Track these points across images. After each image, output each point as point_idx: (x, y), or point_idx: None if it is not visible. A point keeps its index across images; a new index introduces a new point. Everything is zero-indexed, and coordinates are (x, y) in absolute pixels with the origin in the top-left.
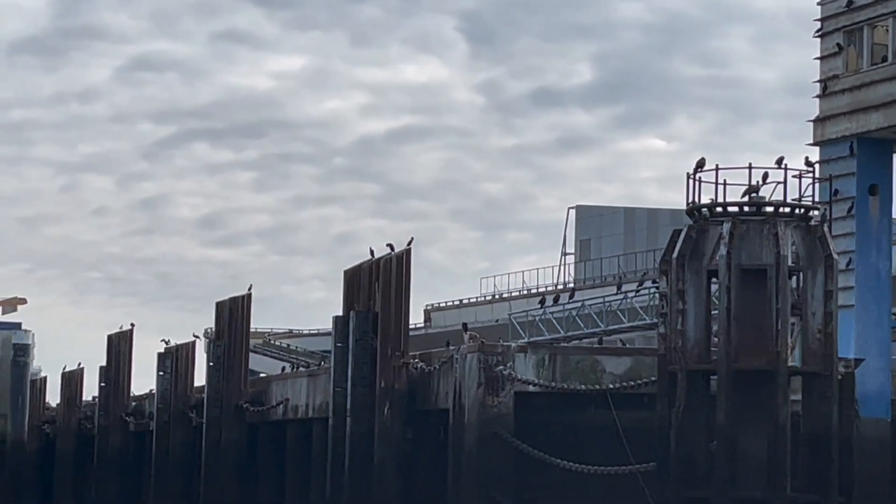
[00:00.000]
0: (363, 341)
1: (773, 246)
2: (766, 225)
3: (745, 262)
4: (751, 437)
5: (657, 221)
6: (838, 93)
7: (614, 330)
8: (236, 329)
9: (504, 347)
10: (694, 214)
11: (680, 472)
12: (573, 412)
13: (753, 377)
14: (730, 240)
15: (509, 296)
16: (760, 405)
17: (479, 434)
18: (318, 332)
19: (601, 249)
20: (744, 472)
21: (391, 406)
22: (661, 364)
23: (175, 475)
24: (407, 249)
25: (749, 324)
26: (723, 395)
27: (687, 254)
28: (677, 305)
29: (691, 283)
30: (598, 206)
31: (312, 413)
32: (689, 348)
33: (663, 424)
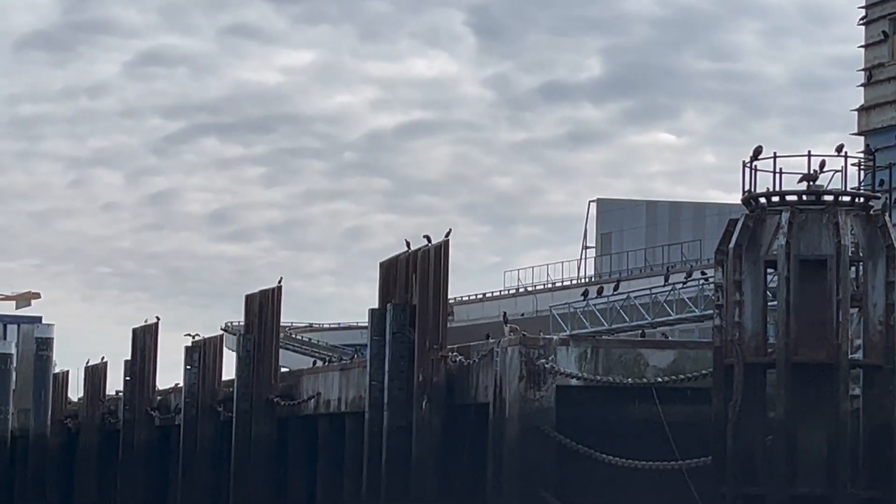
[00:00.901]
0: (401, 334)
1: (833, 236)
2: (825, 214)
3: (804, 253)
4: (810, 433)
5: (679, 215)
6: (884, 81)
7: (661, 322)
8: (266, 322)
9: (546, 340)
10: (750, 203)
11: (737, 468)
12: (616, 406)
13: (813, 370)
14: (788, 229)
15: (533, 289)
16: (820, 399)
17: (521, 428)
18: (338, 326)
19: (622, 243)
20: (803, 469)
21: (429, 400)
22: (716, 357)
23: (203, 470)
24: (445, 241)
25: (808, 316)
26: (782, 389)
27: (744, 244)
28: (734, 297)
29: (748, 273)
30: (620, 199)
31: (345, 407)
32: (746, 341)
33: (719, 419)
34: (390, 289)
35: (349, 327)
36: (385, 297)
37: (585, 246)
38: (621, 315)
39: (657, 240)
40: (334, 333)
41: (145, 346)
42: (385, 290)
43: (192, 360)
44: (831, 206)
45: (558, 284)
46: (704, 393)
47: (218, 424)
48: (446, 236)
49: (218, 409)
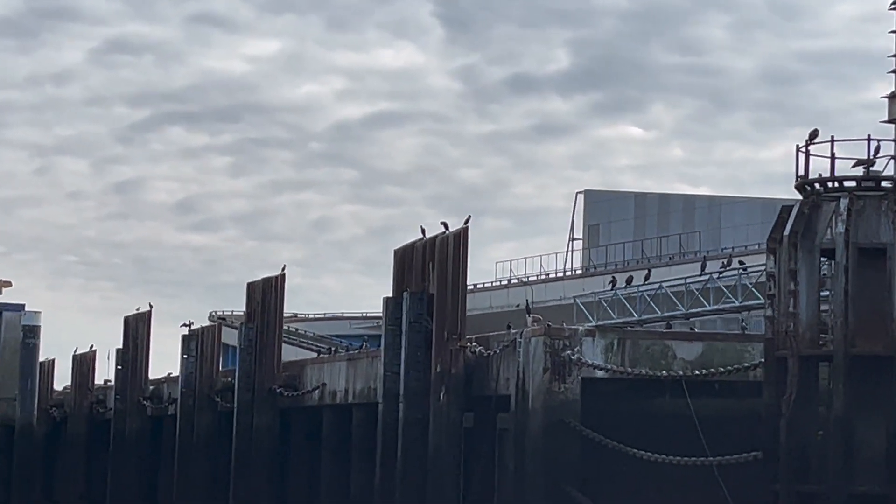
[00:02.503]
0: (418, 324)
1: (894, 223)
2: (884, 201)
3: (862, 241)
4: (868, 428)
5: (668, 207)
6: None
7: (695, 313)
8: (269, 311)
9: (571, 331)
10: (805, 189)
11: (791, 465)
12: (642, 399)
13: (871, 363)
14: (847, 216)
15: (526, 280)
16: (879, 393)
17: (545, 421)
18: (323, 317)
19: (610, 235)
20: (860, 466)
21: (447, 391)
22: (768, 349)
23: (200, 460)
24: (464, 228)
25: (866, 307)
26: (840, 383)
27: (799, 231)
28: (789, 286)
29: (803, 262)
30: (608, 190)
31: (352, 398)
32: (800, 332)
33: (770, 413)
34: (405, 277)
35: (335, 317)
36: (399, 285)
37: (572, 237)
38: (651, 306)
39: (646, 232)
40: (320, 324)
41: (138, 334)
42: (399, 278)
43: (189, 350)
44: (891, 193)
45: (552, 276)
46: (732, 386)
47: (215, 415)
48: (465, 223)
49: (216, 400)
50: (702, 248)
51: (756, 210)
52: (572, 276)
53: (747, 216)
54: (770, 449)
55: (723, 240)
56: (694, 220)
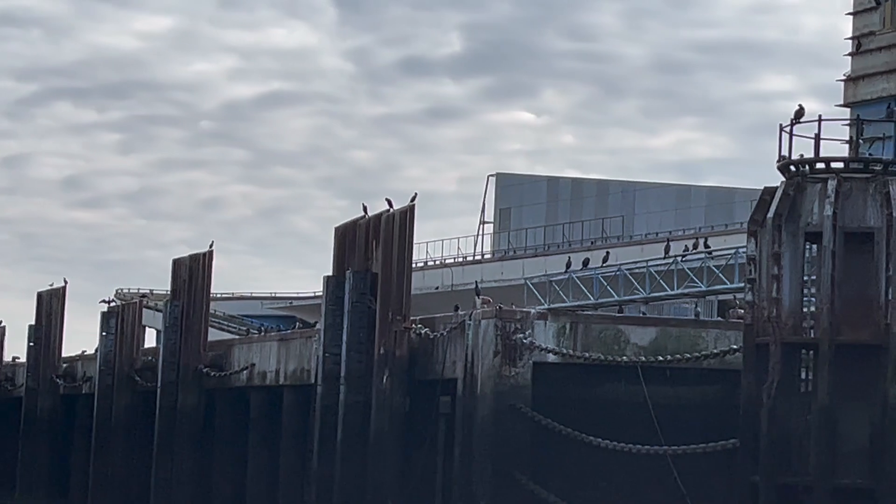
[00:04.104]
0: (361, 304)
1: (882, 206)
2: (872, 184)
3: (849, 225)
4: (852, 419)
5: (581, 192)
6: (874, 51)
7: (657, 297)
8: (196, 289)
9: (523, 314)
10: (789, 170)
11: (772, 456)
12: (595, 385)
13: (857, 352)
14: (835, 198)
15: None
16: (864, 383)
17: (495, 406)
18: (232, 296)
19: (521, 219)
20: (844, 458)
21: (391, 374)
22: (747, 335)
23: (118, 442)
24: (411, 206)
25: (852, 293)
26: (824, 371)
27: (784, 213)
28: (772, 271)
29: (787, 246)
30: (520, 174)
31: (284, 380)
32: (783, 318)
33: (749, 402)
34: (346, 255)
35: (243, 297)
36: (340, 263)
37: (483, 221)
38: (608, 289)
39: (558, 217)
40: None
41: (51, 310)
42: (340, 257)
43: (109, 327)
44: (880, 175)
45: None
46: (684, 373)
47: (135, 395)
48: (412, 201)
49: (136, 379)
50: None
51: (670, 196)
52: (491, 260)
53: (661, 202)
54: (749, 439)
55: (636, 225)
56: (608, 206)
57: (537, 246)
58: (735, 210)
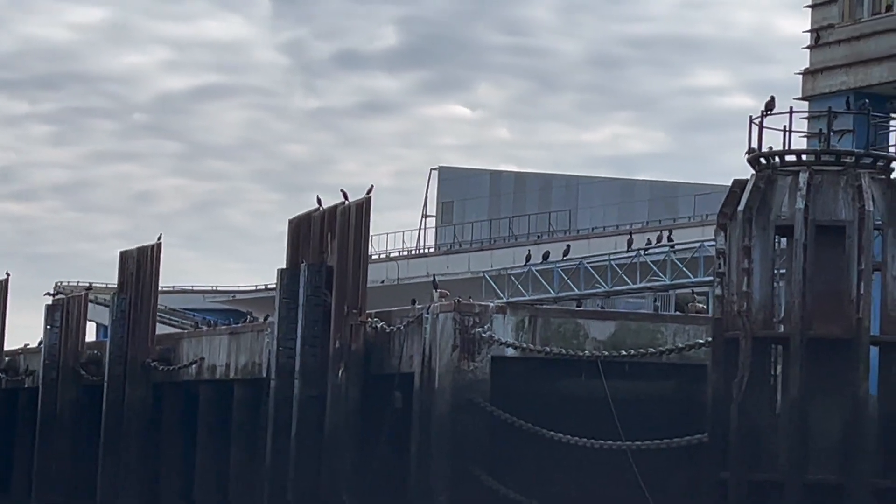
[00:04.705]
0: (316, 297)
1: (854, 200)
2: (843, 176)
3: (820, 218)
4: (823, 414)
5: (524, 185)
6: (833, 43)
7: (620, 291)
8: (144, 281)
9: (482, 307)
10: (759, 163)
11: (741, 451)
12: (554, 379)
13: (828, 346)
14: (807, 191)
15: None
16: (835, 378)
17: (453, 401)
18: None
19: (464, 213)
20: (815, 454)
21: (346, 368)
22: (716, 329)
23: (63, 435)
24: (367, 198)
25: (824, 287)
26: (796, 366)
27: (755, 206)
28: (743, 264)
29: (758, 239)
30: (462, 167)
31: (234, 374)
32: (753, 312)
33: (718, 397)
34: (301, 248)
35: (184, 291)
36: (294, 256)
37: (425, 215)
38: (568, 283)
39: (501, 210)
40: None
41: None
42: (294, 250)
43: (54, 320)
44: (851, 168)
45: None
46: (643, 368)
47: (81, 389)
48: (368, 193)
49: (81, 373)
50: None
51: (614, 190)
52: (437, 253)
53: (605, 196)
54: (718, 434)
55: (580, 220)
56: (551, 200)
57: (483, 240)
58: (679, 205)
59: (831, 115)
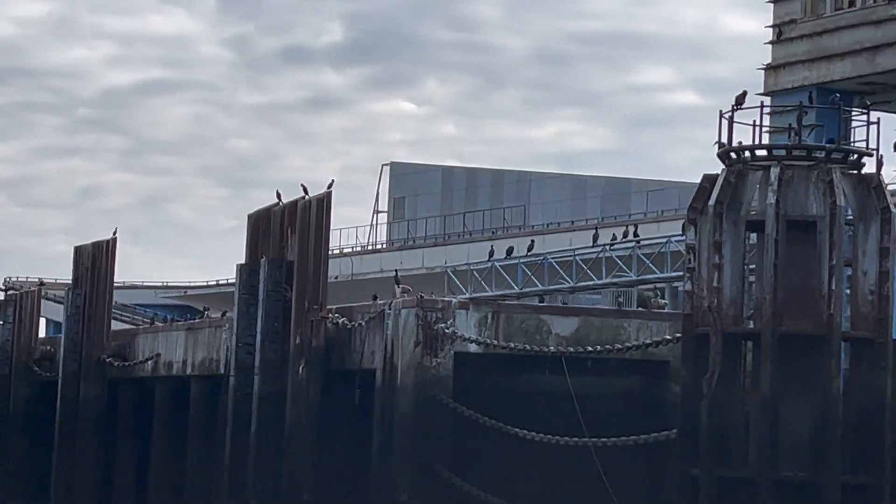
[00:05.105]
0: (276, 292)
1: (825, 195)
2: (814, 171)
3: (791, 213)
4: (794, 411)
5: (476, 181)
6: (796, 39)
7: (585, 287)
8: (100, 276)
9: (445, 303)
10: (729, 157)
11: (712, 448)
12: (518, 375)
13: (799, 342)
14: (778, 186)
15: (342, 252)
16: (807, 374)
17: (415, 397)
18: (123, 285)
19: (416, 209)
20: (786, 451)
21: (307, 365)
22: (686, 325)
23: (17, 432)
24: (328, 193)
25: (795, 283)
26: (767, 362)
27: (725, 201)
28: (713, 259)
29: (728, 234)
30: (415, 163)
31: (191, 370)
32: (724, 308)
33: (688, 393)
34: (260, 243)
35: (134, 286)
36: (254, 251)
37: (377, 210)
38: (532, 278)
39: (453, 206)
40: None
41: None
42: (254, 245)
43: (6, 316)
44: (822, 163)
45: (358, 249)
46: (605, 364)
47: (34, 385)
48: (329, 188)
49: (35, 369)
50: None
51: (566, 186)
52: (390, 249)
53: (556, 192)
54: (688, 431)
55: (532, 216)
56: (503, 196)
57: (437, 235)
58: (631, 201)
59: (801, 110)
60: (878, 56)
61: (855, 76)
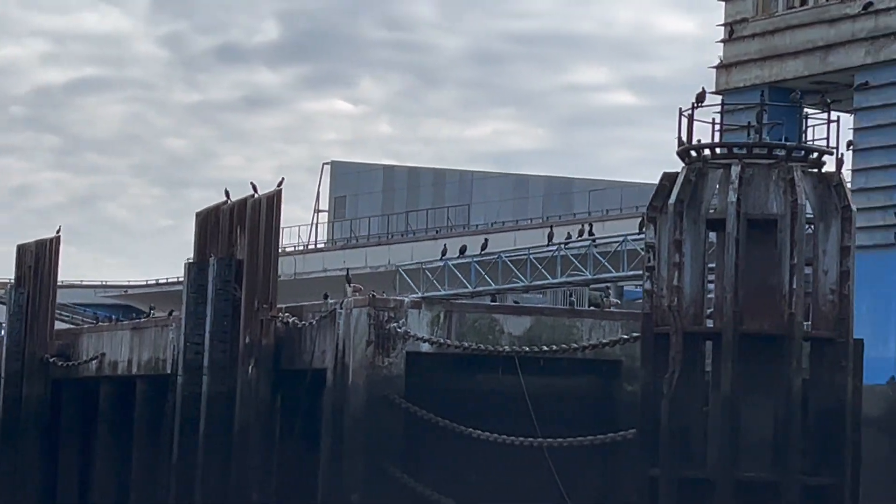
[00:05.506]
0: (225, 291)
1: (785, 193)
2: (775, 170)
3: (752, 212)
4: (755, 411)
5: (418, 180)
6: (748, 37)
7: (540, 286)
8: (43, 275)
9: (397, 302)
10: (689, 156)
11: (673, 448)
12: (470, 375)
13: (760, 342)
14: (739, 185)
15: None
16: (767, 374)
17: (367, 397)
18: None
19: (357, 208)
20: (747, 451)
21: (256, 364)
22: (646, 324)
23: None
24: (278, 191)
25: (755, 282)
26: (728, 362)
27: (686, 199)
28: (674, 258)
29: (689, 232)
30: (356, 162)
31: (137, 370)
32: (684, 307)
33: (648, 393)
34: (209, 242)
35: (72, 286)
36: (202, 250)
37: (318, 209)
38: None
39: (395, 206)
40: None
41: None
42: (202, 243)
43: None
44: (783, 161)
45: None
46: (557, 364)
47: None
48: (279, 186)
49: None
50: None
51: (508, 185)
52: (333, 248)
53: (499, 192)
54: (648, 431)
55: (474, 215)
56: (444, 195)
57: (380, 234)
58: (573, 200)
59: (762, 108)
60: (830, 55)
61: (807, 75)
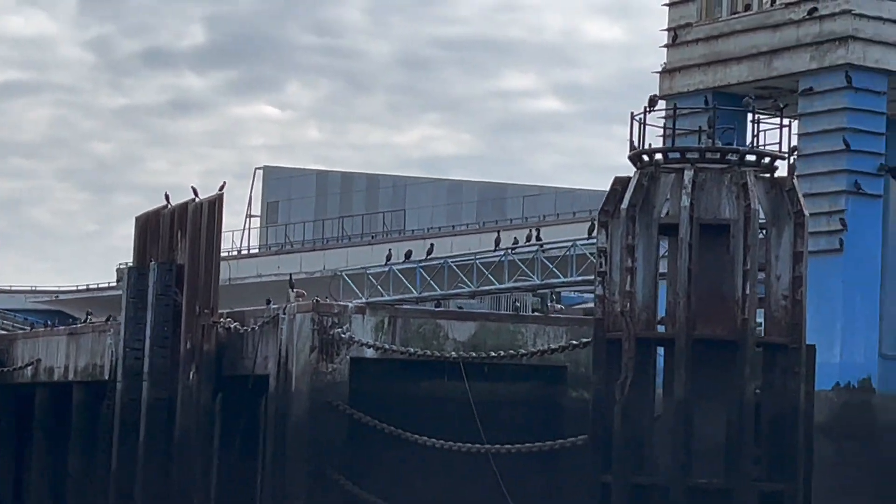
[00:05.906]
0: (165, 296)
1: (738, 198)
2: (727, 174)
3: (704, 217)
4: (708, 417)
5: (351, 186)
6: (691, 42)
7: (486, 291)
8: None
9: (341, 307)
10: (641, 160)
11: (625, 455)
12: (415, 381)
13: (713, 348)
14: (692, 189)
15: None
16: (720, 380)
17: (310, 403)
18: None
19: (290, 213)
20: (700, 457)
21: (197, 370)
22: (598, 330)
23: None
24: (219, 195)
25: (708, 287)
26: (681, 368)
27: (638, 204)
28: (626, 263)
29: (641, 237)
30: (288, 167)
31: (73, 376)
32: (637, 313)
33: (600, 399)
34: (148, 246)
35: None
36: (142, 254)
37: (250, 214)
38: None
39: (328, 211)
40: None
41: None
42: (142, 248)
43: None
44: (736, 166)
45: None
46: (501, 370)
47: None
48: (220, 190)
49: None
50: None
51: (441, 191)
52: (267, 253)
53: (432, 197)
54: (600, 437)
55: (408, 221)
56: (378, 201)
57: (315, 240)
58: (506, 206)
59: (714, 113)
60: (775, 60)
61: (752, 80)
